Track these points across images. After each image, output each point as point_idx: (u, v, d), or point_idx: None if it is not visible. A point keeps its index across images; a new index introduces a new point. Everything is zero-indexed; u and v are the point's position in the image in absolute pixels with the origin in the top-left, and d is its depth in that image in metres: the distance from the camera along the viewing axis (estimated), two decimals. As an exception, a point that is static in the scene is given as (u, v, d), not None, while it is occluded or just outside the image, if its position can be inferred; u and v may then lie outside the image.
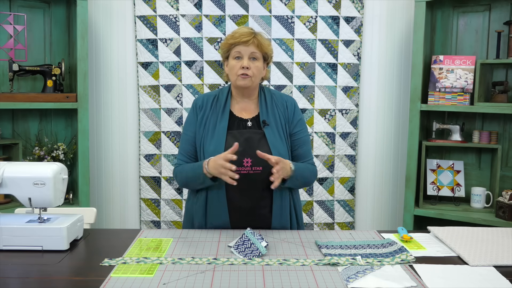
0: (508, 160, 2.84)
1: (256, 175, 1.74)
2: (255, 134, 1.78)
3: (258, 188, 1.76)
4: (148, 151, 3.12)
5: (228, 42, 1.79)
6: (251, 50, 1.76)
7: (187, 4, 3.02)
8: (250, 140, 1.76)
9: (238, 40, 1.75)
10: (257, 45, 1.77)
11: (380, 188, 3.23)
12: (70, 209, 2.07)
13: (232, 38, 1.78)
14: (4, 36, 2.80)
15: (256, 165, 1.73)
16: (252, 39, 1.76)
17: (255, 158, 1.71)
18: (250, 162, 1.73)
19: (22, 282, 1.28)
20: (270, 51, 1.83)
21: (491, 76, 2.85)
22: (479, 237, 1.66)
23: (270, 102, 1.86)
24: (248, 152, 1.73)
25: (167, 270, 1.34)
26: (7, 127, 2.88)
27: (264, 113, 1.83)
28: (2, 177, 1.53)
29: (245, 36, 1.76)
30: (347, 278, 1.29)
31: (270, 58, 1.86)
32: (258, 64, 1.78)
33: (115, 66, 3.14)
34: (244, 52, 1.76)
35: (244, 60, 1.76)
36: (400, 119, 3.18)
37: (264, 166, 1.72)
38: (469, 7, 2.87)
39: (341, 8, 3.04)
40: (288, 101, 1.89)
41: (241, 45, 1.76)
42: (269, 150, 1.74)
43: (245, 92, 1.84)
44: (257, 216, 1.78)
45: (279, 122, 1.82)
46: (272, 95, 1.89)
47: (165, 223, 3.14)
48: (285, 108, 1.86)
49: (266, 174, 1.72)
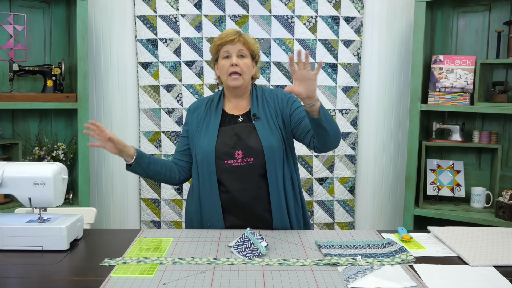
0: (508, 160, 2.84)
1: (248, 166, 1.77)
2: (245, 128, 1.83)
3: (252, 179, 1.78)
4: (148, 151, 3.12)
5: (215, 43, 1.87)
6: (238, 47, 1.83)
7: (187, 4, 3.02)
8: (240, 133, 1.81)
9: (225, 40, 1.83)
10: (244, 42, 1.84)
11: (380, 188, 3.23)
12: (70, 209, 2.08)
13: (219, 39, 1.86)
14: (4, 36, 2.80)
15: (247, 157, 1.78)
16: (238, 37, 1.84)
17: (246, 150, 1.78)
18: (241, 154, 1.78)
19: (22, 282, 1.28)
20: (257, 49, 1.90)
21: (491, 76, 2.84)
22: (479, 237, 1.66)
23: (261, 98, 1.90)
24: (238, 145, 1.78)
25: (167, 270, 1.34)
26: (7, 127, 2.88)
27: (255, 107, 1.87)
28: (2, 177, 1.53)
29: (231, 35, 1.84)
30: (347, 278, 1.29)
31: (257, 56, 1.92)
32: (246, 61, 1.84)
33: (115, 66, 3.14)
34: (232, 51, 1.83)
35: (232, 58, 1.83)
36: (400, 119, 3.18)
37: (255, 156, 1.77)
38: (469, 7, 2.87)
39: (341, 8, 3.04)
40: (279, 93, 1.92)
41: (228, 44, 1.83)
42: (260, 142, 1.78)
43: (238, 92, 1.88)
44: (256, 216, 1.78)
45: (269, 115, 1.85)
46: (263, 91, 1.93)
47: (165, 223, 3.14)
48: (275, 101, 1.89)
49: (258, 164, 1.77)
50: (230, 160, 1.77)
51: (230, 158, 1.77)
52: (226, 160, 1.78)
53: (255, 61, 1.92)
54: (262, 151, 1.77)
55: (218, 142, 1.80)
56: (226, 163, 1.78)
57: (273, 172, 1.77)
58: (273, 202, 1.78)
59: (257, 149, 1.77)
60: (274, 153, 1.77)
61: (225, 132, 1.82)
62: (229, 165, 1.77)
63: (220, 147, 1.78)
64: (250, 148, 1.78)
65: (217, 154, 1.78)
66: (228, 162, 1.78)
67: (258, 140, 1.79)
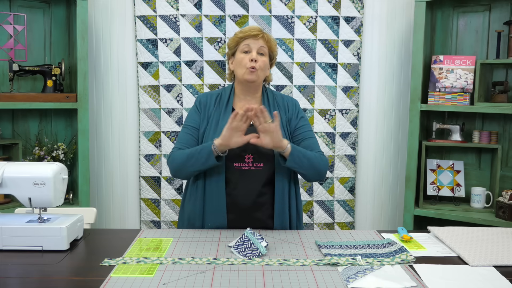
0: (508, 160, 2.84)
1: (257, 171, 1.76)
2: (256, 132, 1.77)
3: (259, 184, 1.77)
4: (148, 151, 3.12)
5: (237, 36, 1.84)
6: (260, 44, 1.80)
7: (187, 4, 3.02)
8: None
9: (248, 34, 1.80)
10: (267, 40, 1.82)
11: (380, 188, 3.23)
12: (70, 209, 2.08)
13: (242, 33, 1.83)
14: (4, 36, 2.80)
15: (257, 161, 1.76)
16: (261, 33, 1.82)
17: (257, 155, 1.76)
18: (251, 158, 1.76)
19: (22, 282, 1.28)
20: (276, 51, 1.88)
21: (491, 76, 2.85)
22: (479, 237, 1.66)
23: (272, 103, 1.88)
24: (250, 148, 1.75)
25: (167, 270, 1.34)
26: (7, 127, 2.88)
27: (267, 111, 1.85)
28: (2, 177, 1.53)
29: (255, 30, 1.81)
30: (347, 278, 1.29)
31: (274, 58, 1.90)
32: (265, 59, 1.82)
33: (115, 66, 3.14)
34: (253, 46, 1.80)
35: (253, 53, 1.79)
36: (400, 119, 3.18)
37: (265, 162, 1.75)
38: (469, 7, 2.87)
39: (341, 8, 3.04)
40: (290, 102, 1.91)
41: (251, 38, 1.80)
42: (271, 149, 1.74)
43: (251, 88, 1.85)
44: (257, 221, 1.76)
45: (280, 122, 1.80)
46: (274, 96, 1.91)
47: (165, 223, 3.14)
48: (286, 108, 1.89)
49: (268, 170, 1.75)
50: (240, 163, 1.75)
51: (239, 161, 1.75)
52: (236, 163, 1.76)
53: (271, 63, 1.89)
54: (273, 158, 1.76)
55: None
56: (236, 166, 1.76)
57: (281, 179, 1.77)
58: (277, 210, 1.77)
59: (269, 155, 1.76)
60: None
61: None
62: (238, 168, 1.75)
63: (231, 148, 1.73)
64: (261, 153, 1.76)
65: (227, 156, 1.73)
66: (237, 164, 1.76)
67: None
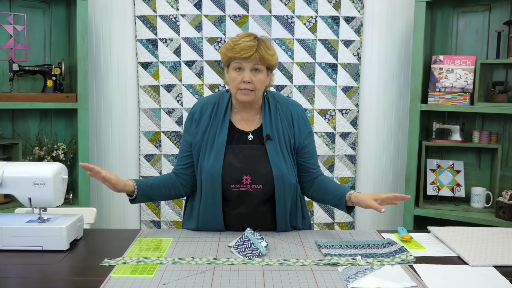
0: (508, 160, 2.84)
1: (256, 193, 1.68)
2: (255, 150, 1.69)
3: (259, 204, 1.71)
4: (148, 151, 3.12)
5: (227, 55, 1.64)
6: (253, 63, 1.62)
7: (187, 4, 3.02)
8: (250, 157, 1.68)
9: (239, 56, 1.61)
10: (260, 59, 1.62)
11: (380, 188, 3.23)
12: (70, 209, 2.08)
13: (232, 52, 1.62)
14: (4, 36, 2.79)
15: (256, 183, 1.67)
16: (254, 54, 1.60)
17: (255, 176, 1.66)
18: (249, 179, 1.67)
19: (22, 282, 1.28)
20: (275, 62, 1.69)
21: (491, 76, 2.84)
22: (479, 237, 1.66)
23: (274, 113, 1.74)
24: (247, 169, 1.67)
25: (167, 270, 1.34)
26: (7, 127, 2.88)
27: (268, 126, 1.72)
28: (2, 177, 1.53)
29: (246, 51, 1.60)
30: (347, 278, 1.29)
31: (274, 66, 1.72)
32: (261, 77, 1.64)
33: (115, 66, 3.14)
34: (246, 66, 1.63)
35: (245, 73, 1.62)
36: (400, 119, 3.18)
37: (264, 183, 1.67)
38: (469, 7, 2.87)
39: (341, 8, 3.04)
40: (294, 111, 1.76)
41: (242, 59, 1.62)
42: (270, 168, 1.67)
43: (247, 105, 1.72)
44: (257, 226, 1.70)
45: (282, 137, 1.71)
46: (277, 104, 1.76)
47: (165, 223, 3.14)
48: (289, 118, 1.75)
49: (267, 191, 1.68)
50: (237, 184, 1.66)
51: (237, 183, 1.66)
52: (233, 185, 1.67)
53: (270, 70, 1.71)
54: (272, 179, 1.66)
55: (225, 163, 1.67)
56: (233, 187, 1.67)
57: (282, 199, 1.69)
58: (279, 227, 1.73)
59: (267, 176, 1.67)
60: (284, 181, 1.67)
61: (233, 152, 1.69)
62: (235, 189, 1.67)
63: (227, 170, 1.66)
64: (259, 174, 1.67)
65: (224, 178, 1.66)
66: (235, 186, 1.67)
67: (269, 166, 1.67)
